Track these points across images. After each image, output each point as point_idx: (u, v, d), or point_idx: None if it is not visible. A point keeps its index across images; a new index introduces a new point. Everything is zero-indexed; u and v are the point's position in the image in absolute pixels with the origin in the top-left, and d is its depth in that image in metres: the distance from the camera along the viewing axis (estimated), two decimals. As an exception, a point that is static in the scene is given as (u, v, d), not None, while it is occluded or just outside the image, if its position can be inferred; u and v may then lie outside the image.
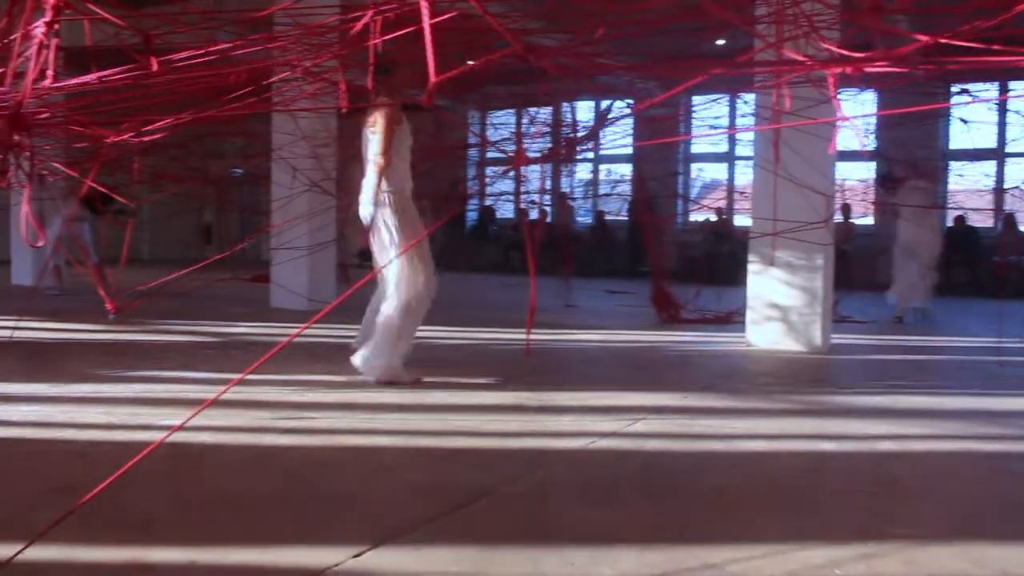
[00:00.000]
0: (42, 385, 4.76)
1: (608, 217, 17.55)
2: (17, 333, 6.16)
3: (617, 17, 4.09)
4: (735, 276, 9.01)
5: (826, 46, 2.76)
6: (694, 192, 18.28)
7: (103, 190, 5.25)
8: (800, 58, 2.58)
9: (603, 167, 18.59)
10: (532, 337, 7.53)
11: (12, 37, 2.43)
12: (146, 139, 4.62)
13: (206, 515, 2.82)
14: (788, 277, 6.81)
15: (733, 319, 8.47)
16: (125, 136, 4.50)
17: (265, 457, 3.50)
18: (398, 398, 4.68)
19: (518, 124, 16.71)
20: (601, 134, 8.94)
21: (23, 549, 2.22)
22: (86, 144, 5.03)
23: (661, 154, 15.61)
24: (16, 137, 2.11)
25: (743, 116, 11.66)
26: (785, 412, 4.69)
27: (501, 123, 17.42)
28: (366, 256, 5.49)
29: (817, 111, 5.32)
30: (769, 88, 5.35)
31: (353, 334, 5.46)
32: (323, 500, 2.96)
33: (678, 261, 14.68)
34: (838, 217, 10.76)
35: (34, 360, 5.70)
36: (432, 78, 2.09)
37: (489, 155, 16.47)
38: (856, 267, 12.63)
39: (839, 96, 2.68)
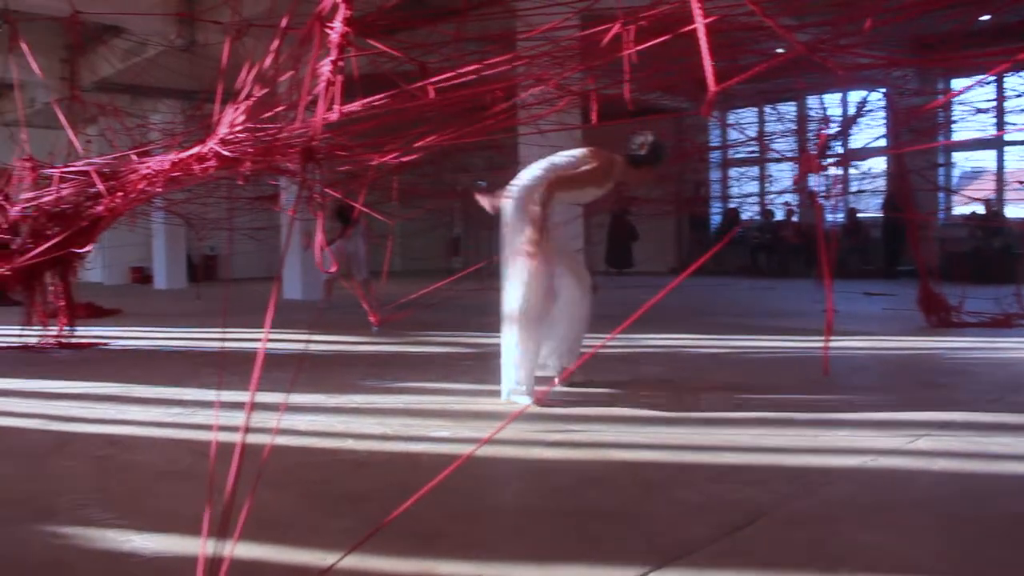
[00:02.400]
0: (320, 396, 5.07)
1: (861, 215, 16.68)
2: (290, 346, 6.62)
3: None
4: (1010, 273, 8.30)
5: None
6: (956, 183, 17.02)
7: (365, 209, 5.57)
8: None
9: (856, 162, 17.66)
10: (790, 344, 7.26)
11: (301, 75, 2.58)
12: (407, 159, 4.83)
13: (486, 529, 2.87)
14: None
15: (1014, 322, 7.78)
16: (389, 158, 4.72)
17: (535, 471, 3.54)
18: (660, 411, 4.61)
19: (761, 122, 16.23)
20: (855, 127, 8.51)
21: (344, 556, 2.35)
22: (350, 167, 5.33)
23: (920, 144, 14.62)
24: (308, 168, 2.23)
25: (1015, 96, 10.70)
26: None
27: (744, 122, 16.97)
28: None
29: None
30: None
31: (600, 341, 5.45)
32: (597, 516, 2.95)
33: (942, 259, 13.71)
34: None
35: (311, 371, 6.09)
36: (711, 86, 2.02)
37: (734, 156, 16.08)
38: None
39: None
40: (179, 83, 13.77)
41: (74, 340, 7.76)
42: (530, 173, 5.00)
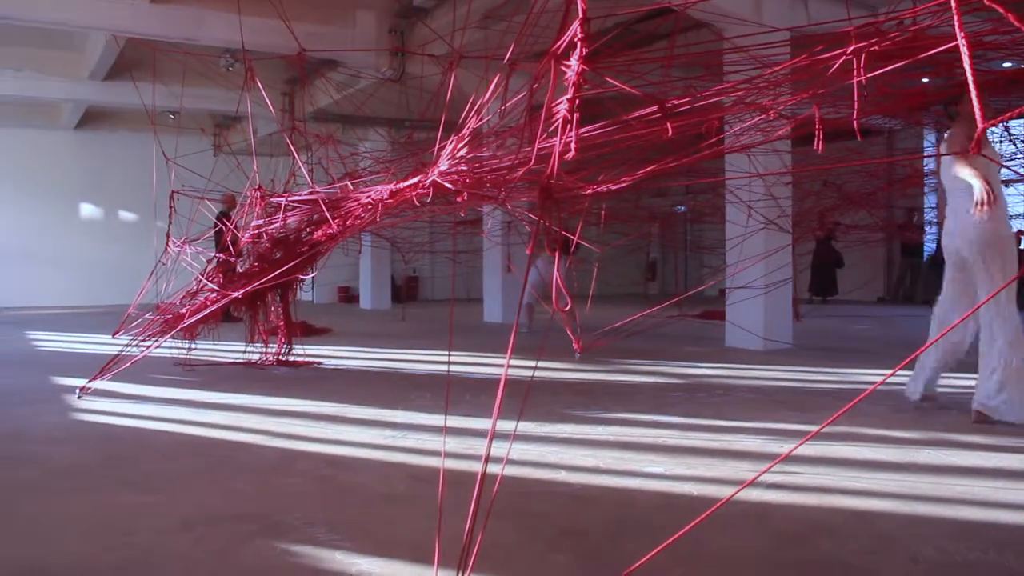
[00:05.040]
0: (530, 424, 5.09)
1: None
2: (497, 370, 6.68)
3: None
4: None
5: None
6: None
7: (572, 237, 5.57)
8: None
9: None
10: None
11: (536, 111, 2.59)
12: (622, 188, 4.80)
13: (708, 573, 2.77)
14: None
15: None
16: (605, 187, 4.70)
17: (755, 514, 3.39)
18: (884, 455, 4.35)
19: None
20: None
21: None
22: (567, 195, 5.35)
23: None
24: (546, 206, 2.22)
25: None
26: None
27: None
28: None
29: None
30: None
31: (817, 376, 5.23)
32: (827, 568, 2.79)
33: None
34: None
35: (517, 398, 6.12)
36: (979, 123, 1.87)
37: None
38: None
39: None
40: (388, 112, 14.37)
41: (292, 358, 8.17)
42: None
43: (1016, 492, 3.70)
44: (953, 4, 2.12)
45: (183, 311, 7.04)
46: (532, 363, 7.90)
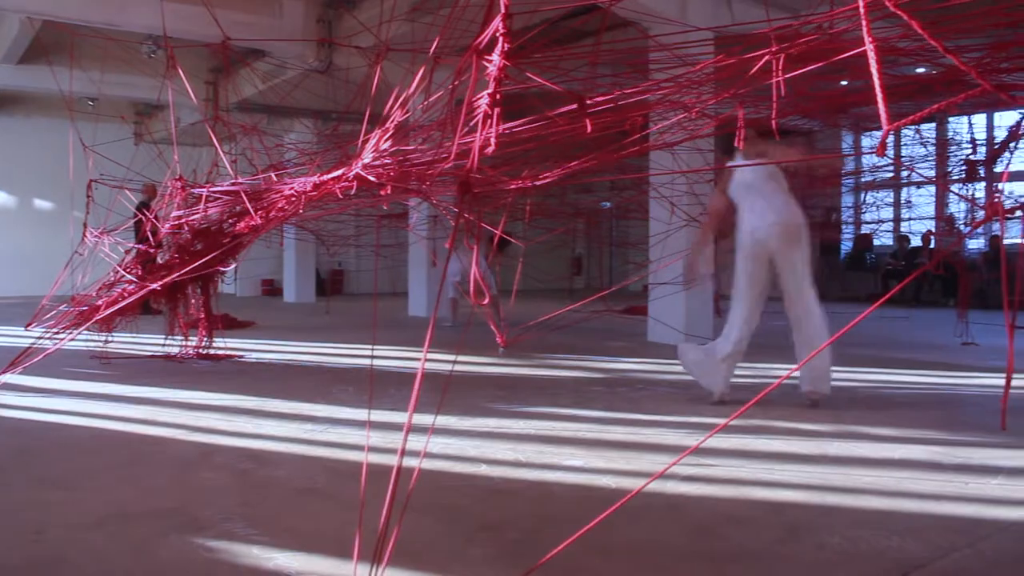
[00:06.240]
0: (452, 418, 5.11)
1: (1007, 241, 15.90)
2: (416, 364, 6.67)
3: None
4: None
5: None
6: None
7: (496, 232, 5.60)
8: None
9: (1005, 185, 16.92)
10: (930, 380, 6.96)
11: (455, 106, 2.60)
12: (544, 184, 4.84)
13: (626, 566, 2.82)
14: None
15: None
16: (527, 183, 4.73)
17: (671, 506, 3.45)
18: (795, 447, 4.48)
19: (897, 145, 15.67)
20: (1009, 151, 8.13)
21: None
22: (487, 190, 5.37)
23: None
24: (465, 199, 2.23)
25: None
26: None
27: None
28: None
29: None
30: None
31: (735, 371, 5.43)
32: (740, 559, 2.86)
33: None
34: None
35: (438, 392, 6.14)
36: (884, 124, 1.94)
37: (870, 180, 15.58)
38: None
39: None
40: (314, 103, 14.21)
41: (212, 352, 8.05)
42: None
43: (918, 481, 3.84)
44: (862, 10, 2.19)
45: (100, 303, 6.88)
46: (455, 357, 7.93)
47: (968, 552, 2.92)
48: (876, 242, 18.10)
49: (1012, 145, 6.76)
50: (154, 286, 6.47)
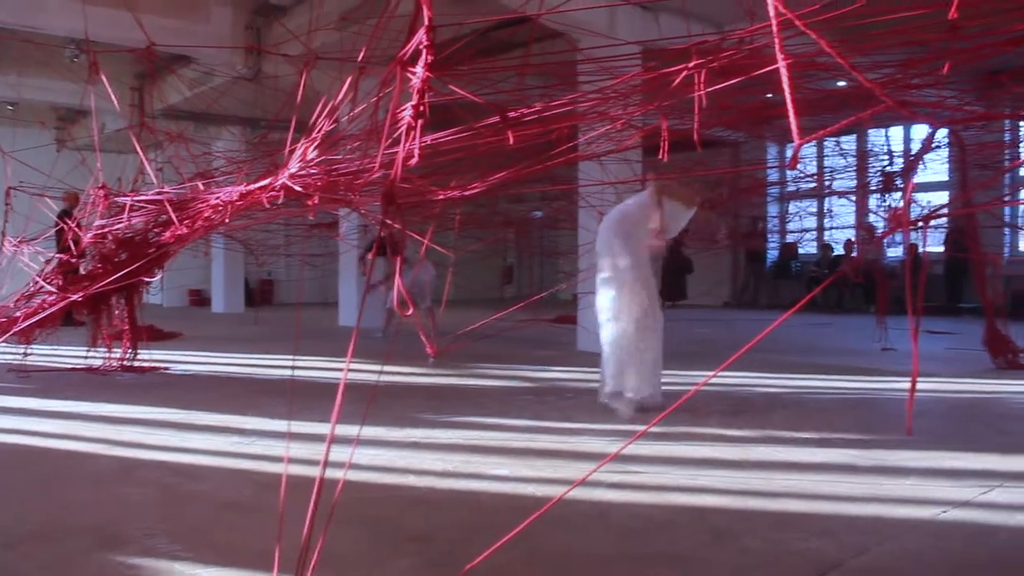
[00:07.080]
0: (380, 429, 5.09)
1: (922, 250, 16.39)
2: (348, 375, 6.64)
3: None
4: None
5: None
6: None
7: (427, 241, 5.62)
8: None
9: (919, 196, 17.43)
10: (849, 384, 7.14)
11: (380, 117, 2.61)
12: (472, 193, 4.87)
13: (553, 573, 2.85)
14: None
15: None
16: (455, 193, 4.75)
17: (596, 513, 3.49)
18: (720, 453, 4.56)
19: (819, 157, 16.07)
20: (921, 163, 8.40)
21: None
22: (413, 200, 5.38)
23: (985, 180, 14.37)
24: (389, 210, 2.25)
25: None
26: None
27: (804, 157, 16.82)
28: None
29: None
30: None
31: (663, 378, 5.46)
32: (665, 564, 2.91)
33: (1009, 298, 13.39)
34: None
35: (366, 403, 6.11)
36: (795, 138, 2.01)
37: (792, 189, 15.96)
38: None
39: None
40: (242, 111, 14.04)
41: (137, 364, 7.89)
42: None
43: (835, 484, 3.95)
44: (774, 28, 2.27)
45: (18, 314, 6.71)
46: (386, 368, 7.90)
47: (877, 551, 3.02)
48: (801, 251, 18.51)
49: (924, 157, 6.98)
50: (76, 297, 6.33)
